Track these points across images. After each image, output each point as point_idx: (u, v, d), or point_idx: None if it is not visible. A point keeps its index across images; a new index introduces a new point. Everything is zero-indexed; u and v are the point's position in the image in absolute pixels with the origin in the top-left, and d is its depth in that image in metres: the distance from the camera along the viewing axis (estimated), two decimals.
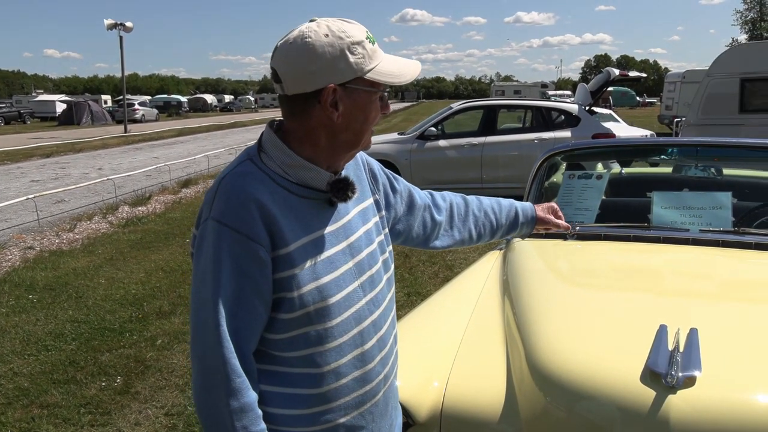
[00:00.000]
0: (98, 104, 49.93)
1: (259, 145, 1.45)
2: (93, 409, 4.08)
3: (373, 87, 1.42)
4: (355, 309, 1.46)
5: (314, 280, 1.38)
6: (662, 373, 1.75)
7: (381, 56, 1.42)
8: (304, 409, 1.41)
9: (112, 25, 31.64)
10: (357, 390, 1.47)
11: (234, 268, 1.33)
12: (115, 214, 10.70)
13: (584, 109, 10.94)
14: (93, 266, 7.53)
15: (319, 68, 1.35)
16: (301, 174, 1.42)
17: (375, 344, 1.50)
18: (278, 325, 1.39)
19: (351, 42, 1.37)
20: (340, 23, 1.39)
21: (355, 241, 1.49)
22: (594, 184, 3.39)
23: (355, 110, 1.41)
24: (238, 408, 1.32)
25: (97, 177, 14.92)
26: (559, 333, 2.16)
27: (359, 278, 1.48)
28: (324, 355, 1.41)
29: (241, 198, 1.34)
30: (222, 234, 1.33)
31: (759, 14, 64.20)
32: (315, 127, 1.41)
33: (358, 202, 1.55)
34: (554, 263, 3.06)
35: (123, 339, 5.24)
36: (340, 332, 1.43)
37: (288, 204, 1.39)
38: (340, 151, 1.46)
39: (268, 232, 1.34)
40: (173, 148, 24.41)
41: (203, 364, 1.34)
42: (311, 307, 1.38)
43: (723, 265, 2.82)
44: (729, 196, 3.10)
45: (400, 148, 11.06)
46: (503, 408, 2.02)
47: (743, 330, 2.12)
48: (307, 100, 1.38)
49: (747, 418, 1.68)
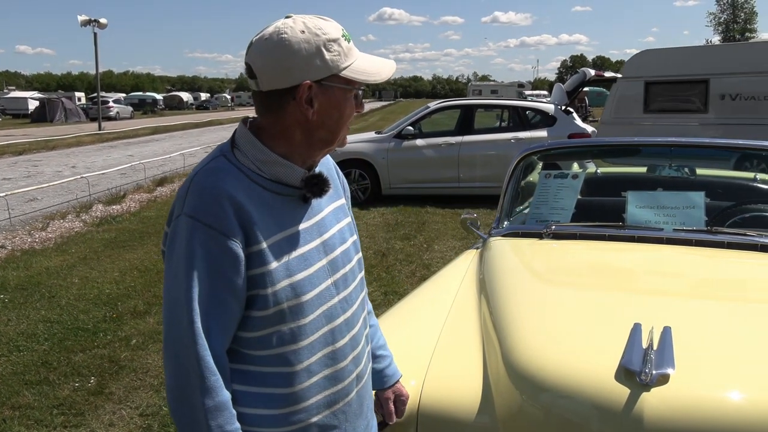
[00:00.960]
0: (72, 101, 49.28)
1: (233, 141, 1.44)
2: (66, 410, 4.02)
3: (348, 85, 1.42)
4: (327, 307, 1.45)
5: (288, 277, 1.38)
6: (636, 371, 1.77)
7: (356, 54, 1.42)
8: (277, 408, 1.40)
9: (86, 21, 31.25)
10: (328, 388, 1.46)
11: (207, 265, 1.31)
12: (89, 212, 10.57)
13: (560, 109, 11.03)
14: (66, 265, 7.43)
15: (295, 64, 1.35)
16: (274, 170, 1.41)
17: (347, 343, 1.50)
18: (251, 322, 1.38)
19: (327, 39, 1.37)
20: (316, 20, 1.39)
21: (329, 238, 1.49)
22: (570, 184, 3.42)
23: (330, 108, 1.41)
24: (212, 407, 1.31)
25: (70, 175, 14.72)
26: (535, 331, 2.17)
27: (332, 276, 1.47)
28: (296, 354, 1.40)
29: (213, 194, 1.33)
30: (195, 230, 1.31)
31: (732, 16, 65.19)
32: (290, 124, 1.41)
33: (332, 200, 1.55)
34: (530, 262, 3.08)
35: (97, 339, 5.18)
36: (311, 330, 1.42)
37: (261, 200, 1.38)
38: (315, 148, 1.46)
39: (242, 228, 1.33)
40: (148, 146, 24.17)
41: (177, 363, 1.32)
42: (284, 304, 1.37)
43: (696, 264, 2.85)
44: (702, 196, 3.14)
45: (378, 147, 11.06)
46: (480, 406, 2.03)
47: (716, 328, 2.15)
48: (282, 97, 1.38)
49: (719, 415, 1.70)
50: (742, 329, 2.16)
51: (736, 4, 65.38)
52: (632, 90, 12.10)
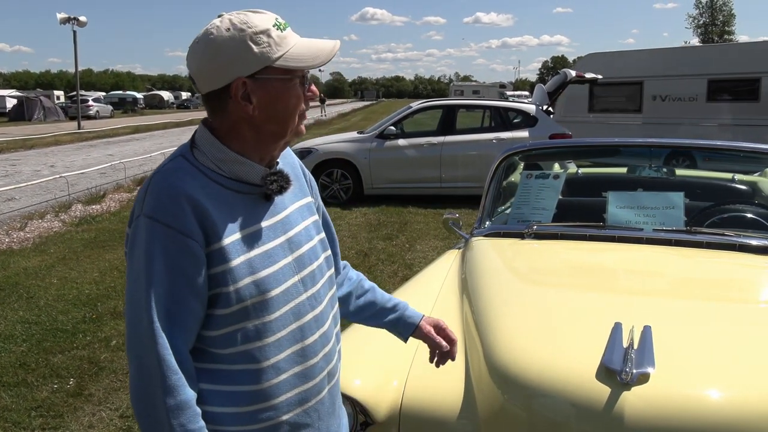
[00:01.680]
0: (50, 100, 48.77)
1: (192, 141, 1.44)
2: (44, 412, 3.98)
3: (286, 74, 1.39)
4: (295, 303, 1.44)
5: (251, 274, 1.37)
6: (617, 370, 1.79)
7: (292, 42, 1.40)
8: (244, 406, 1.40)
9: (65, 19, 30.94)
10: (299, 386, 1.45)
11: (167, 265, 1.31)
12: (68, 212, 10.46)
13: (541, 110, 11.08)
14: (45, 266, 7.35)
15: (224, 63, 1.36)
16: (234, 168, 1.41)
17: (317, 340, 1.49)
18: (215, 321, 1.37)
19: (253, 32, 1.36)
20: (243, 15, 1.38)
21: (294, 236, 1.48)
22: (551, 184, 3.44)
23: (271, 100, 1.39)
24: (174, 406, 1.30)
25: (49, 174, 14.56)
26: (517, 331, 2.18)
27: (299, 273, 1.47)
28: (263, 351, 1.40)
29: (171, 193, 1.33)
30: (154, 230, 1.31)
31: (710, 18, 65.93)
32: (236, 122, 1.40)
33: (297, 198, 1.55)
34: (512, 262, 3.09)
35: (76, 340, 5.13)
36: (278, 327, 1.41)
37: (221, 198, 1.38)
38: (269, 143, 1.44)
39: (201, 227, 1.33)
40: (128, 146, 23.98)
41: (139, 363, 1.32)
42: (248, 301, 1.37)
43: (675, 263, 2.88)
44: (681, 196, 3.17)
45: (360, 147, 11.05)
46: (462, 406, 2.03)
47: (695, 327, 2.17)
48: (220, 97, 1.39)
49: (699, 413, 1.72)
50: (721, 328, 2.19)
51: (714, 6, 66.17)
52: (579, 91, 12.95)
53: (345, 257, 1.69)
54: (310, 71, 1.45)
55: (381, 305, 1.83)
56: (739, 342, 2.09)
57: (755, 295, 2.68)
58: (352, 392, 2.05)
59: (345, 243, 8.03)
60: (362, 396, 2.06)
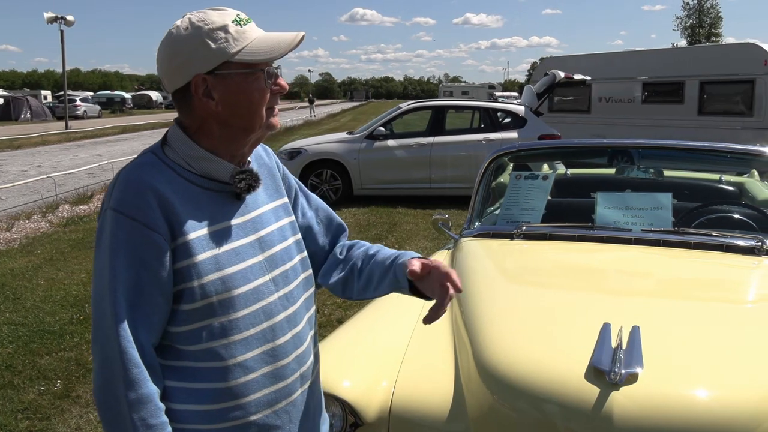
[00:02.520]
0: (37, 100, 48.52)
1: (164, 138, 1.45)
2: (31, 414, 3.95)
3: (247, 68, 1.39)
4: (266, 303, 1.43)
5: (217, 270, 1.37)
6: (606, 371, 1.79)
7: (252, 36, 1.40)
8: (209, 404, 1.38)
9: (52, 18, 30.76)
10: (269, 386, 1.44)
11: (131, 258, 1.31)
12: (55, 212, 10.40)
13: (530, 111, 11.12)
14: (32, 267, 7.30)
15: (183, 61, 1.37)
16: (204, 165, 1.41)
17: (290, 340, 1.47)
18: (181, 317, 1.37)
19: (210, 29, 1.36)
20: (203, 13, 1.39)
21: (266, 235, 1.47)
22: (540, 185, 3.45)
23: (233, 95, 1.39)
24: (135, 399, 1.29)
25: (36, 175, 14.46)
26: (506, 332, 2.18)
27: (270, 272, 1.46)
28: (228, 348, 1.38)
29: (138, 187, 1.33)
30: (119, 223, 1.31)
31: (698, 20, 66.35)
32: (203, 119, 1.41)
33: (272, 198, 1.54)
34: (501, 263, 3.10)
35: (63, 341, 5.10)
36: (246, 325, 1.40)
37: (189, 194, 1.38)
38: (238, 138, 1.43)
39: (167, 221, 1.33)
40: (117, 146, 23.85)
41: (102, 356, 1.31)
42: (214, 297, 1.36)
43: (663, 264, 2.89)
44: (669, 197, 3.19)
45: (349, 147, 11.05)
46: (451, 407, 2.03)
47: (683, 327, 2.19)
48: (185, 95, 1.40)
49: (687, 413, 1.73)
50: (708, 328, 2.20)
51: (702, 8, 66.57)
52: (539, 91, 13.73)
53: None
54: (278, 65, 1.45)
55: (381, 256, 1.63)
56: (727, 342, 2.11)
57: (742, 295, 2.70)
58: (341, 393, 2.04)
59: None
60: (352, 397, 2.06)
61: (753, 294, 2.71)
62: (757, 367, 1.94)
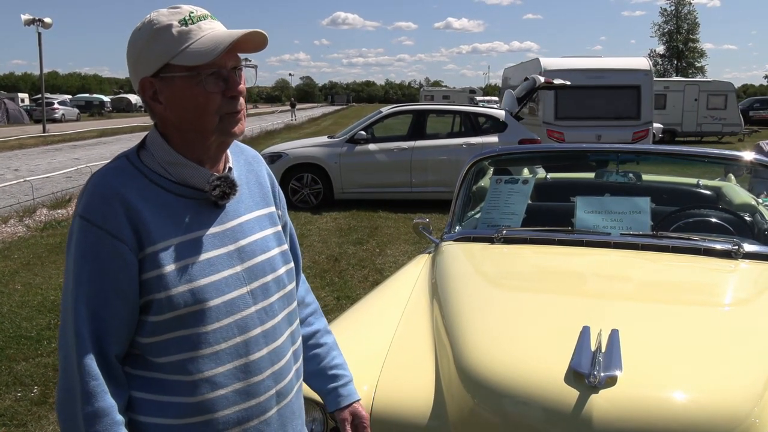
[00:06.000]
0: (14, 102, 47.81)
1: (143, 143, 1.40)
2: (7, 420, 3.90)
3: (190, 71, 1.31)
4: (241, 316, 1.37)
5: (187, 282, 1.31)
6: (585, 373, 1.80)
7: (197, 36, 1.32)
8: (175, 419, 1.33)
9: (29, 20, 30.39)
10: (240, 403, 1.37)
11: (95, 267, 1.28)
12: (32, 217, 10.27)
13: (511, 115, 11.18)
14: (8, 271, 7.21)
15: (133, 63, 1.35)
16: (180, 171, 1.36)
17: (265, 356, 1.40)
18: (148, 328, 1.32)
19: (156, 29, 1.32)
20: (157, 13, 1.35)
21: (247, 245, 1.41)
22: (520, 189, 3.47)
23: (178, 98, 1.33)
24: (91, 413, 1.26)
25: (13, 178, 14.28)
26: (486, 335, 2.19)
27: (249, 284, 1.40)
28: (197, 362, 1.33)
29: (105, 194, 1.30)
30: (85, 230, 1.28)
31: (675, 27, 67.13)
32: (163, 123, 1.38)
33: (257, 207, 1.48)
34: (482, 266, 3.11)
35: (40, 347, 5.03)
36: (217, 339, 1.34)
37: (161, 202, 1.33)
38: (196, 142, 1.37)
39: (133, 230, 1.29)
40: (95, 149, 23.62)
41: (63, 365, 1.29)
42: (183, 309, 1.31)
43: (642, 267, 2.92)
44: (648, 201, 3.22)
45: (330, 151, 11.03)
46: (432, 410, 2.04)
47: (661, 330, 2.20)
48: (143, 98, 1.37)
49: (665, 416, 1.75)
50: (687, 331, 2.22)
51: (679, 15, 67.38)
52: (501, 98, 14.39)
53: (315, 262, 1.66)
54: (240, 66, 1.37)
55: (323, 366, 1.70)
56: (705, 344, 2.13)
57: (720, 298, 2.73)
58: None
59: (315, 248, 8.00)
60: None
61: (730, 297, 2.74)
62: (734, 369, 1.96)
